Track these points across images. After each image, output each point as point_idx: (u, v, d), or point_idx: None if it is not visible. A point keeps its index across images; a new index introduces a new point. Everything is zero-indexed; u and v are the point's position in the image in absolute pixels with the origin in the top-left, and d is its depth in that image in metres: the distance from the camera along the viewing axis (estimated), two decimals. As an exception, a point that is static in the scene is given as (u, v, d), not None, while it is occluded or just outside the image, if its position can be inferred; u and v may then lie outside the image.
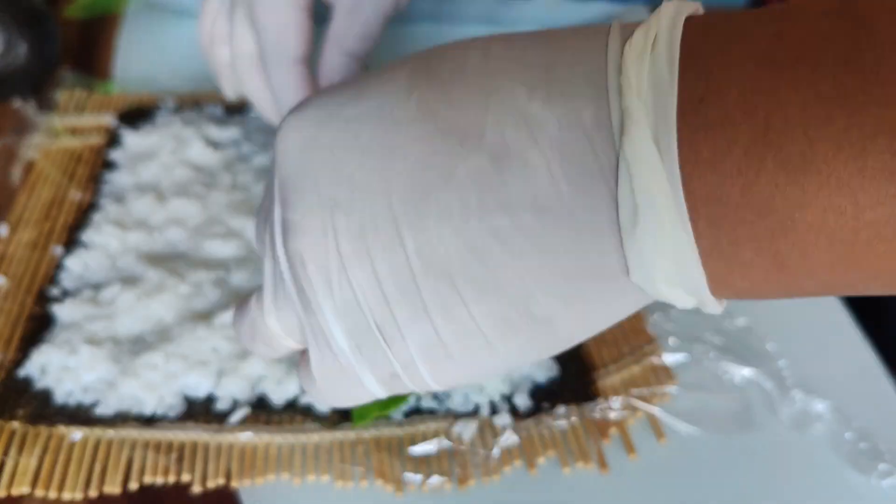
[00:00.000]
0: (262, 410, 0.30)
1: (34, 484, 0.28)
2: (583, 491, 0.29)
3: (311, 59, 0.35)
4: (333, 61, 0.34)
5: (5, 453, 0.28)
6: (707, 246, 0.17)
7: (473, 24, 0.55)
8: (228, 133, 0.42)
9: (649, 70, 0.17)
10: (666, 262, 0.17)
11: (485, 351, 0.20)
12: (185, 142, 0.41)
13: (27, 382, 0.31)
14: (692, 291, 0.18)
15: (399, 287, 0.19)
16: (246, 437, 0.29)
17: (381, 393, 0.22)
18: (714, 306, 0.19)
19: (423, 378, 0.21)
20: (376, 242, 0.19)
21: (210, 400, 0.30)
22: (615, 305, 0.19)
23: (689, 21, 0.17)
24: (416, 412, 0.30)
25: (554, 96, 0.17)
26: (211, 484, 0.28)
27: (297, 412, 0.30)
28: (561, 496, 0.29)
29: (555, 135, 0.17)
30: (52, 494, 0.28)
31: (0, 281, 0.34)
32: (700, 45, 0.17)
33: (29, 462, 0.28)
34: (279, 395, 0.30)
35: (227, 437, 0.29)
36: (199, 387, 0.30)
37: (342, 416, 0.30)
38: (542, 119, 0.17)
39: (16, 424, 0.29)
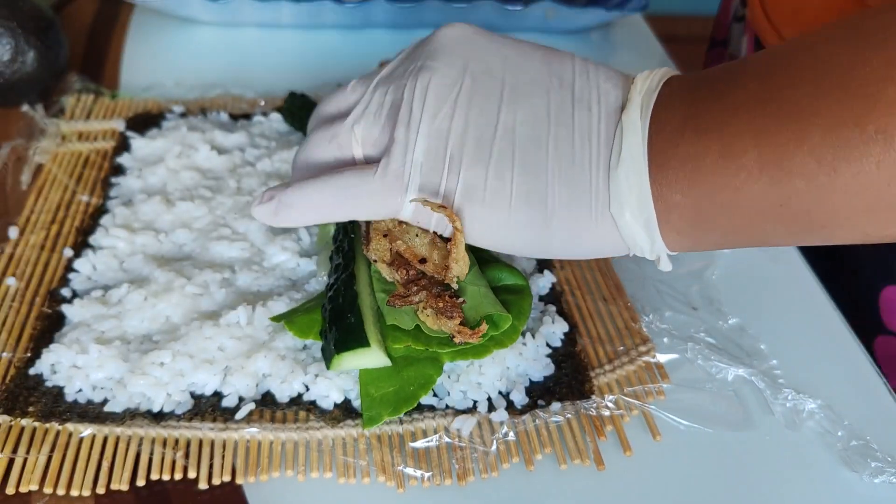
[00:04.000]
0: (267, 407, 0.31)
1: (43, 481, 0.28)
2: (579, 487, 0.30)
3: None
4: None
5: (15, 450, 0.29)
6: (655, 189, 0.27)
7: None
8: (234, 138, 0.42)
9: (647, 83, 0.29)
10: (632, 198, 0.27)
11: (503, 214, 0.28)
12: (192, 147, 0.41)
13: (38, 380, 0.31)
14: (647, 228, 0.27)
15: (480, 136, 0.28)
16: (251, 432, 0.30)
17: (408, 212, 0.28)
18: (662, 248, 0.28)
19: (450, 207, 0.28)
20: (482, 102, 0.28)
21: (217, 397, 0.31)
22: (596, 235, 0.28)
23: (678, 76, 0.29)
24: (416, 408, 0.31)
25: (617, 86, 0.29)
26: (216, 480, 0.29)
27: (301, 408, 0.31)
28: (558, 493, 0.29)
29: (608, 104, 0.28)
30: (61, 491, 0.28)
31: (10, 282, 0.35)
32: (676, 79, 0.29)
33: (38, 459, 0.29)
34: (284, 391, 0.31)
35: (233, 434, 0.30)
36: (206, 384, 0.31)
37: (345, 413, 0.31)
38: (607, 92, 0.29)
39: (27, 421, 0.30)
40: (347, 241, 0.33)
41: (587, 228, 0.28)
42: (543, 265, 0.37)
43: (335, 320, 0.30)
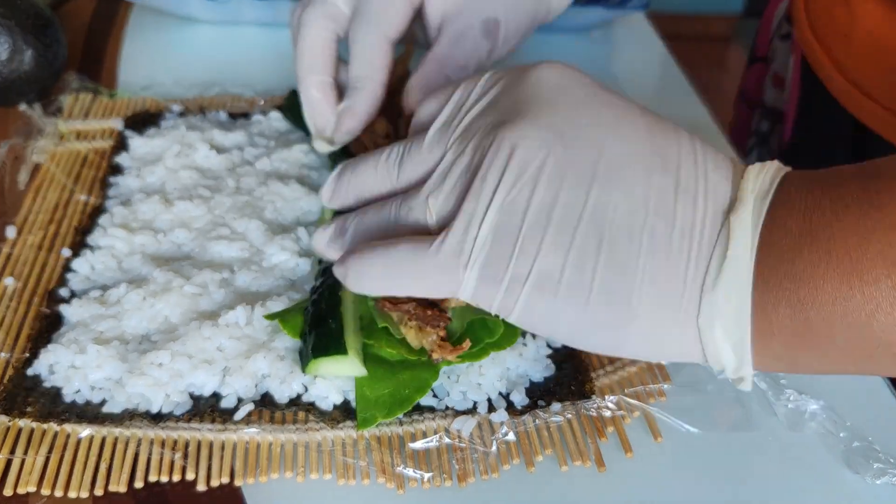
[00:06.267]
0: (266, 407, 0.31)
1: (41, 482, 0.28)
2: (580, 489, 0.29)
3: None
4: (432, 75, 0.36)
5: (13, 451, 0.29)
6: (759, 308, 0.23)
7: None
8: (233, 137, 0.42)
9: (760, 181, 0.25)
10: (728, 314, 0.23)
11: (577, 311, 0.24)
12: (190, 146, 0.41)
13: (36, 381, 0.31)
14: (738, 349, 0.24)
15: (564, 218, 0.24)
16: (250, 433, 0.30)
17: (467, 292, 0.25)
18: (748, 369, 0.24)
19: (514, 301, 0.25)
20: (571, 177, 0.24)
21: (215, 398, 0.31)
22: (676, 343, 0.25)
23: (792, 172, 0.26)
24: (415, 409, 0.31)
25: (726, 178, 0.25)
26: (215, 482, 0.29)
27: (300, 409, 0.31)
28: (559, 494, 0.29)
29: (716, 199, 0.25)
30: (59, 493, 0.28)
31: (9, 282, 0.35)
32: (793, 177, 0.25)
33: (35, 460, 0.29)
34: (283, 392, 0.31)
35: (231, 435, 0.30)
36: (205, 385, 0.31)
37: (344, 414, 0.31)
38: (716, 185, 0.25)
39: (25, 422, 0.30)
40: None
41: (669, 336, 0.25)
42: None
43: (315, 324, 0.30)
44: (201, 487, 0.28)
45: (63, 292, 0.35)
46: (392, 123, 0.38)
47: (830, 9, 0.45)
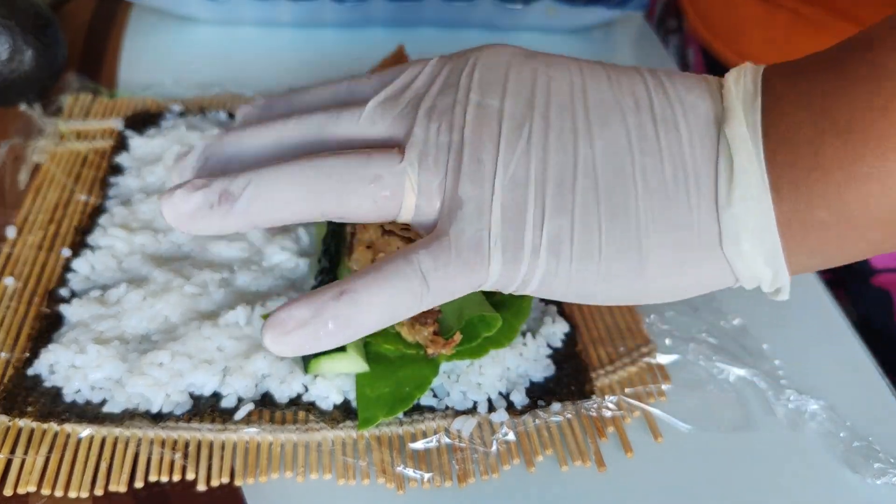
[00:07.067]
0: (266, 407, 0.31)
1: (41, 482, 0.28)
2: (581, 489, 0.29)
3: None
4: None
5: (13, 451, 0.29)
6: (787, 210, 0.23)
7: (475, 28, 0.56)
8: (232, 137, 0.42)
9: (742, 85, 0.24)
10: (751, 226, 0.23)
11: (593, 265, 0.24)
12: (190, 146, 0.41)
13: (36, 381, 0.31)
14: (771, 258, 0.23)
15: (561, 179, 0.24)
16: (250, 433, 0.30)
17: (490, 281, 0.24)
18: (785, 278, 0.24)
19: (532, 273, 0.24)
20: (557, 140, 0.24)
21: (216, 398, 0.31)
22: (701, 274, 0.24)
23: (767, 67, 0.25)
24: (415, 409, 0.31)
25: (703, 96, 0.25)
26: (215, 482, 0.29)
27: (300, 409, 0.31)
28: (559, 494, 0.29)
29: (697, 118, 0.24)
30: (59, 493, 0.28)
31: (8, 281, 0.35)
32: (773, 77, 0.24)
33: (35, 460, 0.29)
34: (283, 392, 0.31)
35: (231, 435, 0.30)
36: (205, 385, 0.31)
37: (345, 413, 0.31)
38: (694, 104, 0.24)
39: (25, 422, 0.30)
40: (335, 244, 0.33)
41: (691, 269, 0.24)
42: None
43: None
44: (201, 487, 0.28)
45: (63, 292, 0.35)
46: None
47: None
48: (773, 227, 0.23)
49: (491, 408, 0.31)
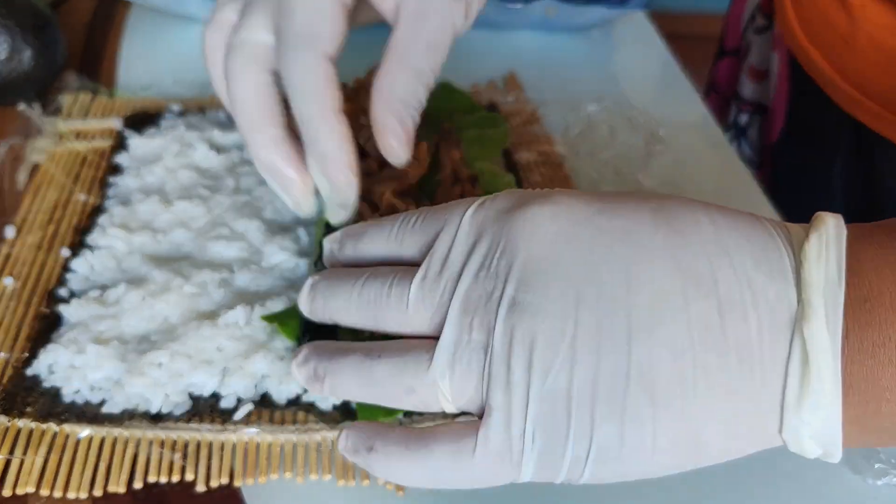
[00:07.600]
0: (265, 408, 0.31)
1: (40, 483, 0.28)
2: (581, 489, 0.29)
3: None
4: (396, 78, 0.29)
5: (12, 452, 0.29)
6: (853, 415, 0.21)
7: (475, 27, 0.55)
8: (232, 137, 0.42)
9: (825, 270, 0.21)
10: (815, 426, 0.21)
11: (646, 457, 0.22)
12: (190, 146, 0.41)
13: (35, 381, 0.31)
14: (828, 446, 0.21)
15: (610, 387, 0.21)
16: (250, 433, 0.30)
17: (525, 478, 0.23)
18: (837, 456, 0.22)
19: (578, 476, 0.23)
20: (607, 342, 0.21)
21: (215, 398, 0.31)
22: (749, 449, 0.22)
23: (849, 230, 0.22)
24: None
25: (773, 274, 0.21)
26: (214, 483, 0.29)
27: (300, 409, 0.31)
28: (559, 494, 0.29)
29: (768, 304, 0.21)
30: (58, 494, 0.28)
31: (8, 281, 0.35)
32: (860, 253, 0.21)
33: (34, 461, 0.29)
34: (282, 392, 0.31)
35: (231, 435, 0.30)
36: (205, 385, 0.31)
37: (344, 414, 0.31)
38: (764, 288, 0.21)
39: (24, 422, 0.30)
40: None
41: (746, 450, 0.23)
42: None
43: (310, 327, 0.30)
44: (201, 488, 0.28)
45: (62, 292, 0.34)
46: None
47: (826, 13, 0.44)
48: (837, 427, 0.21)
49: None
